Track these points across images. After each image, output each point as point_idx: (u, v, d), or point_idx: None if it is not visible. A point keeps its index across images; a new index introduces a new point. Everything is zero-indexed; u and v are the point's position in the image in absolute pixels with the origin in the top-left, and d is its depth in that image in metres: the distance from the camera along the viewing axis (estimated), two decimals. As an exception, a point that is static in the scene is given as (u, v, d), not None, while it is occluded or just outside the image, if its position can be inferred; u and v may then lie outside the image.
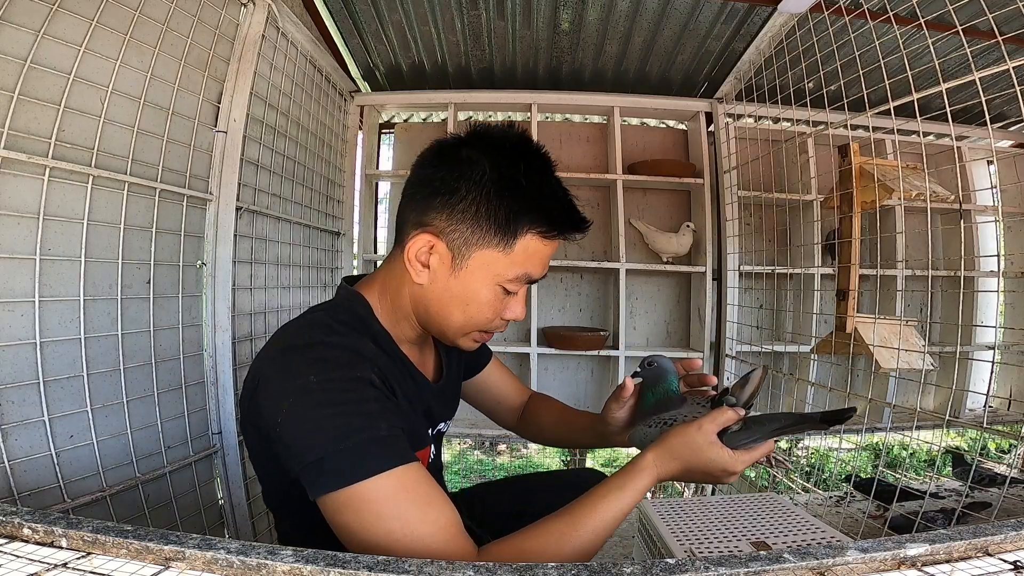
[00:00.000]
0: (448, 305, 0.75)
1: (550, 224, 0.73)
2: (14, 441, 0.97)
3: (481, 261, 0.72)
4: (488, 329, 0.78)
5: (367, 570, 0.45)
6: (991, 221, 2.59)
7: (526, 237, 0.72)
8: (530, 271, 0.74)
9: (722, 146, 2.28)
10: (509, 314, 0.77)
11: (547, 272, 0.78)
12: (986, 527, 0.54)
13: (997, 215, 2.48)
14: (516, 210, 0.71)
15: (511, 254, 0.72)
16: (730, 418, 0.72)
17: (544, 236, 0.73)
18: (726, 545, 1.02)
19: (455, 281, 0.73)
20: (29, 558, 0.46)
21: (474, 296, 0.73)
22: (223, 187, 1.42)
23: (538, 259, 0.74)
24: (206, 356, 1.42)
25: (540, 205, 0.72)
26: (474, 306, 0.74)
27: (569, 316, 2.58)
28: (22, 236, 0.99)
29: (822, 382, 2.26)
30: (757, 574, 0.46)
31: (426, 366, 0.87)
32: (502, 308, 0.76)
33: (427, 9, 1.90)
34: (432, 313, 0.76)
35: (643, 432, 0.76)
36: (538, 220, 0.72)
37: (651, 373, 0.81)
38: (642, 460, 0.72)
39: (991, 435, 2.97)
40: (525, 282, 0.75)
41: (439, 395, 0.88)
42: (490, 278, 0.72)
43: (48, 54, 1.01)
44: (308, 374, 0.64)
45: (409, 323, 0.80)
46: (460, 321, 0.75)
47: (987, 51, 1.88)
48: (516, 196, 0.71)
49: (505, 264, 0.72)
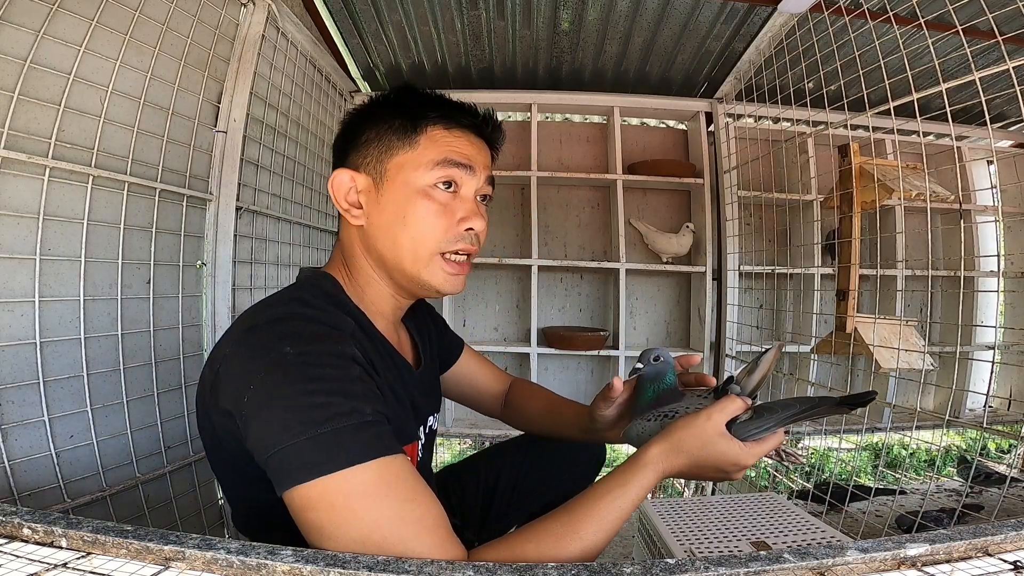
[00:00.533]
0: (390, 232, 0.70)
1: (443, 109, 0.72)
2: (14, 441, 0.97)
3: (395, 170, 0.70)
4: (451, 248, 0.71)
5: (367, 570, 0.45)
6: (991, 221, 2.59)
7: (428, 131, 0.71)
8: (448, 156, 0.70)
9: (722, 146, 2.28)
10: (465, 224, 0.71)
11: (488, 178, 0.75)
12: (986, 527, 0.54)
13: (997, 215, 2.48)
14: (410, 114, 0.71)
15: (419, 148, 0.70)
16: (739, 407, 0.66)
17: (445, 124, 0.72)
18: (726, 545, 1.02)
19: (386, 202, 0.70)
20: (29, 558, 0.46)
21: (407, 207, 0.69)
22: (223, 187, 1.42)
23: (448, 146, 0.71)
24: (206, 356, 1.42)
25: (427, 100, 0.73)
26: (412, 219, 0.69)
27: (569, 316, 2.58)
28: (22, 236, 0.99)
29: (822, 382, 2.26)
30: (757, 574, 0.46)
31: (404, 350, 0.81)
32: (451, 218, 0.71)
33: (427, 9, 1.90)
34: (385, 252, 0.71)
35: (641, 426, 0.71)
36: (432, 110, 0.72)
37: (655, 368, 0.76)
38: (646, 455, 0.65)
39: (991, 435, 2.97)
40: (452, 172, 0.71)
41: (420, 383, 0.82)
42: (411, 182, 0.70)
43: (48, 54, 1.01)
44: (282, 347, 0.57)
45: (377, 292, 0.75)
46: (409, 244, 0.70)
47: (987, 51, 1.87)
48: (407, 104, 0.72)
49: (416, 157, 0.70)
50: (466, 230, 0.72)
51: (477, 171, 0.73)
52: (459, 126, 0.73)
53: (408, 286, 0.75)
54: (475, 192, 0.74)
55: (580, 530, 0.59)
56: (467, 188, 0.73)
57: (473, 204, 0.73)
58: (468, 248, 0.73)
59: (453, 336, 1.04)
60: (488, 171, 0.76)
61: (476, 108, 0.76)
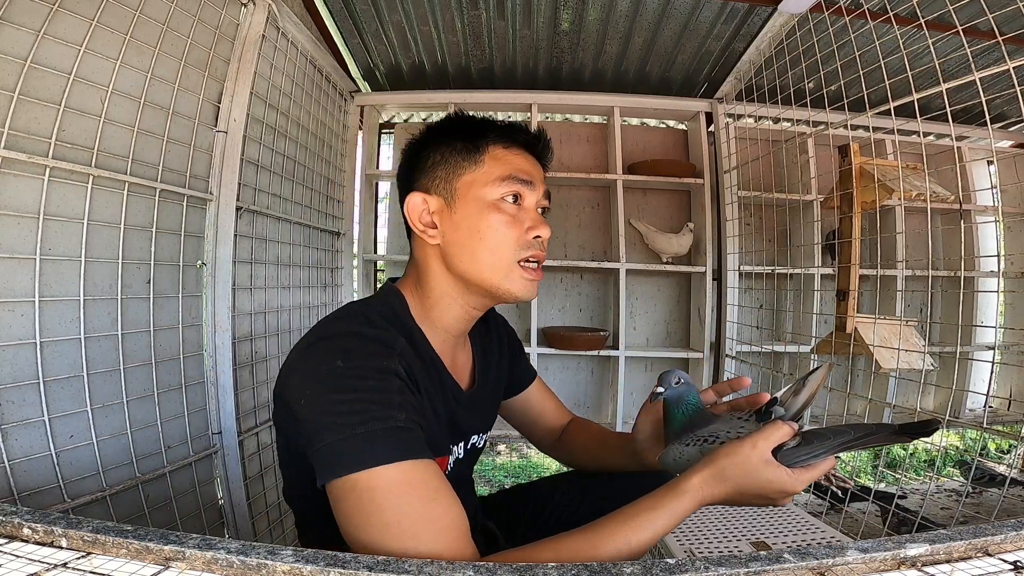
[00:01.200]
0: (468, 246, 0.75)
1: (501, 130, 0.79)
2: (14, 441, 0.97)
3: (466, 187, 0.76)
4: (524, 255, 0.77)
5: (367, 570, 0.45)
6: (991, 221, 2.59)
7: (490, 150, 0.77)
8: (512, 172, 0.76)
9: (722, 146, 2.28)
10: (532, 232, 0.77)
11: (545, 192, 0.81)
12: (986, 527, 0.54)
13: (997, 215, 2.48)
14: (471, 135, 0.78)
15: (484, 166, 0.77)
16: (786, 434, 0.64)
17: (505, 144, 0.78)
18: (726, 545, 1.02)
19: (459, 219, 0.76)
20: (29, 558, 0.46)
21: (481, 222, 0.75)
22: (223, 187, 1.42)
23: (511, 163, 0.77)
24: (206, 356, 1.42)
25: (486, 123, 0.80)
26: (488, 232, 0.75)
27: (569, 316, 2.58)
28: (22, 236, 0.99)
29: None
30: (757, 574, 0.46)
31: (459, 371, 0.85)
32: (520, 227, 0.76)
33: (427, 9, 1.90)
34: (464, 266, 0.76)
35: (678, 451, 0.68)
36: (490, 131, 0.79)
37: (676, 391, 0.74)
38: (686, 482, 0.64)
39: (991, 435, 2.97)
40: (517, 187, 0.76)
41: (470, 404, 0.84)
42: (481, 197, 0.76)
43: (48, 54, 1.01)
44: (335, 360, 0.64)
45: (445, 309, 0.79)
46: (487, 256, 0.75)
47: (987, 51, 1.87)
48: (467, 127, 0.80)
49: (484, 175, 0.76)
50: (534, 237, 0.77)
51: (536, 185, 0.79)
52: (516, 144, 0.80)
53: (488, 296, 0.79)
54: (536, 204, 0.80)
55: (601, 548, 0.59)
56: (529, 200, 0.79)
57: (535, 214, 0.79)
58: (539, 254, 0.78)
59: (527, 365, 1.06)
60: (544, 185, 0.81)
61: (529, 127, 0.83)
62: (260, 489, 1.58)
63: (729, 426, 0.68)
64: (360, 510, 0.57)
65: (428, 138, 0.81)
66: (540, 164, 0.83)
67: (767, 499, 0.64)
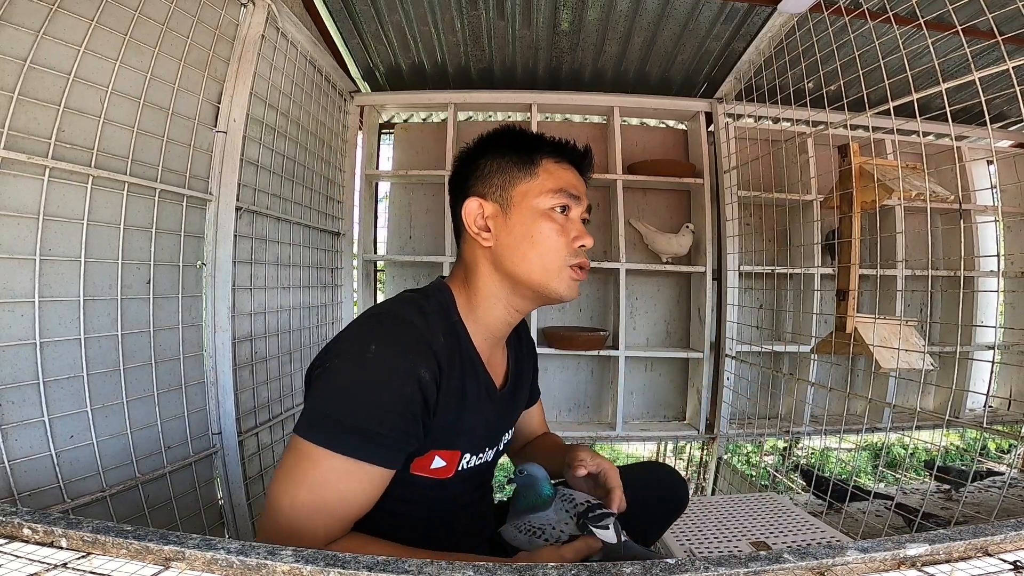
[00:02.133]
0: (519, 249, 0.81)
1: (553, 146, 0.86)
2: (14, 441, 0.97)
3: (521, 196, 0.82)
4: (573, 263, 0.82)
5: (367, 570, 0.45)
6: (991, 221, 2.59)
7: (543, 163, 0.84)
8: (563, 186, 0.82)
9: (722, 146, 2.28)
10: (579, 241, 0.82)
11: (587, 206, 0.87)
12: (986, 527, 0.54)
13: (997, 215, 2.48)
14: (525, 148, 0.84)
15: (538, 176, 0.83)
16: (592, 549, 0.73)
17: (556, 158, 0.85)
18: (726, 545, 1.02)
19: (513, 224, 0.81)
20: (29, 558, 0.46)
21: (534, 228, 0.81)
22: (223, 187, 1.42)
23: (562, 177, 0.83)
24: (206, 356, 1.42)
25: (540, 139, 0.87)
26: (539, 237, 0.80)
27: (569, 316, 2.58)
28: (22, 236, 0.99)
29: (822, 382, 2.26)
30: (757, 574, 0.46)
31: (495, 370, 0.89)
32: (567, 236, 0.82)
33: (427, 9, 1.90)
34: (516, 267, 0.81)
35: (511, 534, 0.79)
36: (544, 146, 0.85)
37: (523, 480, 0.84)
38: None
39: (991, 435, 2.97)
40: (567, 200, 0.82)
41: (501, 402, 0.89)
42: (535, 204, 0.81)
43: (48, 54, 1.01)
44: (371, 343, 0.71)
45: (490, 308, 0.84)
46: (538, 260, 0.81)
47: (987, 51, 1.87)
48: (523, 140, 0.86)
49: (539, 186, 0.82)
50: (580, 247, 0.83)
51: (582, 199, 0.85)
52: (565, 159, 0.86)
53: (533, 297, 0.84)
54: (579, 216, 0.86)
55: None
56: (575, 212, 0.85)
57: (580, 225, 0.85)
58: (585, 262, 0.84)
59: (536, 384, 1.11)
60: (587, 199, 0.87)
61: (577, 145, 0.89)
62: (260, 489, 1.58)
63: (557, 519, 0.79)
64: (296, 468, 0.67)
65: (484, 147, 0.86)
66: (583, 178, 0.89)
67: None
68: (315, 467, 0.66)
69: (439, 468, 0.79)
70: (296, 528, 0.65)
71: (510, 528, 0.79)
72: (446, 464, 0.80)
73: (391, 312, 0.77)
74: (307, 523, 0.65)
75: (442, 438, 0.78)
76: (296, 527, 0.65)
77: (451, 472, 0.80)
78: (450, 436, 0.79)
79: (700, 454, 2.68)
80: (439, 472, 0.79)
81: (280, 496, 0.66)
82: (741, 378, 2.29)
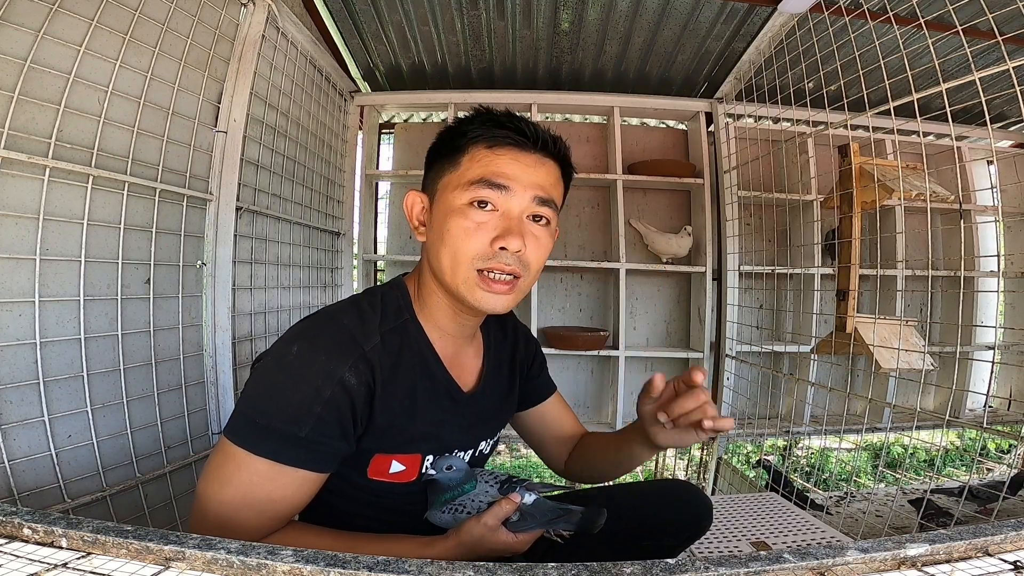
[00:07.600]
0: (435, 247, 0.74)
1: (484, 128, 0.73)
2: (14, 441, 0.97)
3: (442, 190, 0.75)
4: (485, 266, 0.71)
5: (367, 570, 0.45)
6: (991, 221, 2.59)
7: (470, 150, 0.74)
8: (485, 176, 0.71)
9: (722, 146, 2.28)
10: (499, 242, 0.71)
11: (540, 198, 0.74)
12: (986, 527, 0.54)
13: (997, 215, 2.48)
14: (458, 134, 0.75)
15: (460, 168, 0.74)
16: (507, 511, 0.73)
17: (487, 143, 0.73)
18: (726, 545, 1.02)
19: (434, 220, 0.76)
20: (29, 558, 0.46)
21: (443, 227, 0.72)
22: (223, 187, 1.42)
23: (487, 165, 0.72)
24: (206, 356, 1.42)
25: (474, 118, 0.76)
26: (447, 237, 0.72)
27: (569, 316, 2.58)
28: (22, 236, 0.99)
29: (822, 382, 2.25)
30: (757, 574, 0.46)
31: (461, 371, 0.83)
32: (484, 236, 0.71)
33: (427, 9, 1.90)
34: (434, 266, 0.75)
35: (439, 518, 0.79)
36: (474, 128, 0.74)
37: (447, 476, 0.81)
38: (441, 541, 0.73)
39: (991, 435, 2.97)
40: (486, 192, 0.71)
41: (468, 405, 0.82)
42: (449, 201, 0.73)
43: (48, 54, 1.01)
44: (295, 343, 0.69)
45: (436, 305, 0.78)
46: (447, 260, 0.72)
47: (987, 51, 1.87)
48: (456, 125, 0.76)
49: (457, 179, 0.73)
50: (500, 248, 0.71)
51: (516, 190, 0.72)
52: (502, 144, 0.73)
53: (456, 296, 0.75)
54: (520, 211, 0.73)
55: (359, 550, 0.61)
56: (508, 206, 0.72)
57: (512, 223, 0.72)
58: (501, 267, 0.71)
59: (547, 379, 1.03)
60: (538, 189, 0.73)
61: (525, 125, 0.74)
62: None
63: (477, 495, 0.79)
64: (222, 468, 0.66)
65: (438, 137, 0.80)
66: (554, 162, 0.77)
67: (497, 553, 0.74)
68: (239, 470, 0.65)
69: (398, 472, 0.75)
70: (225, 525, 0.64)
71: (435, 512, 0.79)
72: (406, 468, 0.76)
73: (325, 313, 0.74)
74: (236, 519, 0.65)
75: (395, 441, 0.74)
76: (225, 524, 0.64)
77: (413, 476, 0.77)
78: (405, 439, 0.74)
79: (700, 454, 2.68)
80: (399, 476, 0.75)
81: (208, 497, 0.65)
82: (741, 378, 2.29)
